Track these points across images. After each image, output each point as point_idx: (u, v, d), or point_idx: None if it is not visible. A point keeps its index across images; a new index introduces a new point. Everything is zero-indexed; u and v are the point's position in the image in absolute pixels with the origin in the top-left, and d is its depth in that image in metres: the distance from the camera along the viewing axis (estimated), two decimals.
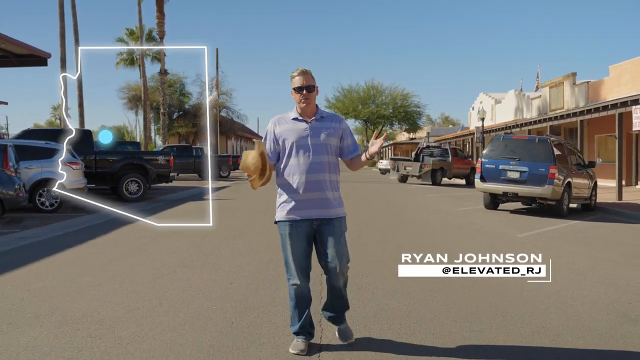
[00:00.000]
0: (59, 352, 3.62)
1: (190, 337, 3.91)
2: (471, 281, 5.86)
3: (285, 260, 3.56)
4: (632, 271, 6.57)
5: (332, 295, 3.70)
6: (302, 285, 3.54)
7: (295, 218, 3.49)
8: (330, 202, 3.52)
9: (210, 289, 5.34)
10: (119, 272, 6.08)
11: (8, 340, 3.85)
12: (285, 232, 3.51)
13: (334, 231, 3.50)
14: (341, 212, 3.61)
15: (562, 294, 5.36)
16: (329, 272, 3.57)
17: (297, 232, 3.49)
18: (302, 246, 3.50)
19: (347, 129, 3.68)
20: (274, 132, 3.59)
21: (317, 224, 3.50)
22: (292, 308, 3.64)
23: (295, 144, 3.50)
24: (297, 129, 3.54)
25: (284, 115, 3.65)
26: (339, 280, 3.58)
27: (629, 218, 12.79)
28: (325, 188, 3.50)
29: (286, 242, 3.52)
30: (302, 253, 3.51)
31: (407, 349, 3.74)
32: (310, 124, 3.55)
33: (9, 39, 20.73)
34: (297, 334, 3.62)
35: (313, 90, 3.54)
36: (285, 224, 3.51)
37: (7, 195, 10.08)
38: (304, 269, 3.53)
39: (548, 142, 12.86)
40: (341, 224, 3.58)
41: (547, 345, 3.86)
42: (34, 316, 4.41)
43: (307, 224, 3.49)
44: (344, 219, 3.63)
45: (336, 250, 3.49)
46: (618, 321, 4.46)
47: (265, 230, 9.39)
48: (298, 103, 3.55)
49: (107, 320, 4.29)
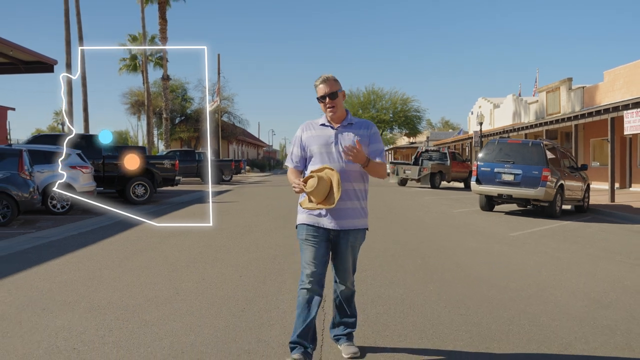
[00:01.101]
0: (92, 331, 4.09)
1: (207, 320, 4.38)
2: (463, 274, 6.34)
3: (302, 264, 3.46)
4: (612, 265, 7.04)
5: (339, 307, 3.64)
6: (312, 290, 3.39)
7: (314, 224, 3.42)
8: (352, 212, 3.42)
9: (221, 280, 5.81)
10: (135, 267, 6.56)
11: (46, 322, 4.32)
12: (303, 237, 3.45)
13: (347, 243, 3.43)
14: (360, 223, 3.48)
15: (545, 284, 5.83)
16: (336, 281, 3.59)
17: (314, 237, 3.40)
18: (320, 253, 3.40)
19: (375, 135, 3.53)
20: (302, 137, 3.53)
21: (334, 234, 3.42)
22: (297, 315, 3.43)
23: (320, 151, 3.43)
24: (323, 135, 3.46)
25: (314, 120, 3.58)
26: (342, 289, 3.59)
27: (619, 219, 13.26)
28: (348, 197, 3.39)
29: (304, 247, 3.44)
30: (319, 259, 3.40)
31: (401, 329, 4.21)
32: (337, 130, 3.46)
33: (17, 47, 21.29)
34: (294, 345, 3.40)
35: (336, 97, 3.43)
36: (304, 228, 3.45)
37: (22, 198, 10.55)
38: (317, 276, 3.40)
39: (541, 146, 13.35)
40: (357, 237, 3.47)
41: (526, 326, 4.33)
42: (64, 303, 4.89)
43: (325, 230, 3.41)
44: (362, 232, 3.51)
45: (345, 263, 3.48)
46: (592, 306, 4.94)
47: (270, 230, 9.88)
48: (324, 111, 3.48)
49: (131, 307, 4.76)
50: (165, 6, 39.62)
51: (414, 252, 7.72)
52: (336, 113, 3.45)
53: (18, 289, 5.43)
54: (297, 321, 3.42)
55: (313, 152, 3.46)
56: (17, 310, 4.67)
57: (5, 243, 8.38)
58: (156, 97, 43.71)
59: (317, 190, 3.25)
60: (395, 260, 7.09)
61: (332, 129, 3.46)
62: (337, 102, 3.43)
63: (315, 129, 3.50)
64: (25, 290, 5.35)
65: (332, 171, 3.30)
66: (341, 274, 3.52)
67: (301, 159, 3.55)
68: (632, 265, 7.08)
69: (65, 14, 27.56)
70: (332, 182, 3.28)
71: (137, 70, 45.63)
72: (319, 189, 3.26)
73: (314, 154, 3.46)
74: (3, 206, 10.37)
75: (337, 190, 3.26)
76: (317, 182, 3.25)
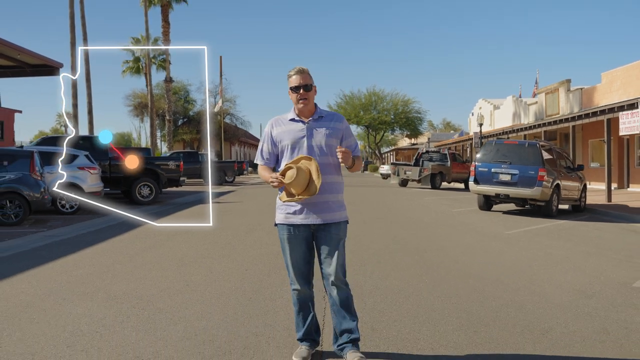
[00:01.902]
0: (111, 318, 4.43)
1: (217, 308, 4.73)
2: (457, 269, 6.67)
3: (286, 264, 3.46)
4: (601, 261, 7.36)
5: (337, 313, 3.47)
6: (302, 291, 3.43)
7: (293, 222, 3.36)
8: (329, 206, 3.36)
9: (228, 274, 6.15)
10: (146, 262, 6.91)
11: (68, 310, 4.67)
12: (284, 236, 3.40)
13: (330, 237, 3.36)
14: (340, 216, 3.42)
15: (534, 277, 6.16)
16: (324, 280, 3.45)
17: (295, 236, 3.37)
18: (302, 250, 3.38)
19: (348, 129, 3.52)
20: (271, 133, 3.48)
21: (314, 228, 3.37)
22: (295, 313, 3.52)
23: (291, 146, 3.39)
24: (293, 129, 3.41)
25: (282, 116, 3.52)
26: (333, 290, 3.40)
27: (614, 218, 13.57)
28: (325, 191, 3.32)
29: (285, 246, 3.41)
30: (302, 258, 3.39)
31: (396, 315, 4.54)
32: (307, 124, 3.41)
33: (24, 50, 21.74)
34: (302, 341, 3.53)
35: (310, 90, 3.40)
36: (284, 227, 3.40)
37: (33, 198, 10.91)
38: (304, 275, 3.41)
39: (537, 147, 13.68)
40: (339, 230, 3.40)
41: (512, 313, 4.66)
42: (83, 294, 5.24)
43: (305, 228, 3.36)
44: (343, 224, 3.44)
45: (330, 258, 3.36)
46: (575, 297, 5.27)
47: (273, 229, 10.16)
48: (295, 103, 3.42)
49: (145, 297, 5.11)
50: (168, 9, 40.07)
51: (411, 249, 8.06)
52: (307, 106, 3.40)
53: (38, 281, 5.78)
54: (297, 319, 3.49)
55: (284, 147, 3.41)
56: (40, 300, 5.02)
57: (20, 241, 8.73)
58: (159, 99, 44.15)
59: (297, 180, 3.18)
60: (394, 256, 7.43)
61: (302, 123, 3.41)
62: (310, 94, 3.39)
63: (285, 124, 3.45)
64: (45, 283, 5.70)
65: (309, 160, 3.26)
66: (329, 270, 3.36)
67: (272, 155, 3.50)
68: (620, 261, 7.40)
69: (70, 17, 27.96)
70: (310, 171, 3.23)
71: (140, 72, 46.11)
72: (299, 179, 3.19)
73: (285, 149, 3.41)
74: (15, 206, 10.73)
75: (317, 178, 3.20)
76: (296, 173, 3.18)
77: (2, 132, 21.95)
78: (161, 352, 3.64)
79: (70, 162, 13.32)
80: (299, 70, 3.41)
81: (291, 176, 3.19)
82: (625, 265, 7.06)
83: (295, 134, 3.40)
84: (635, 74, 21.24)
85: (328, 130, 3.40)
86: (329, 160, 3.38)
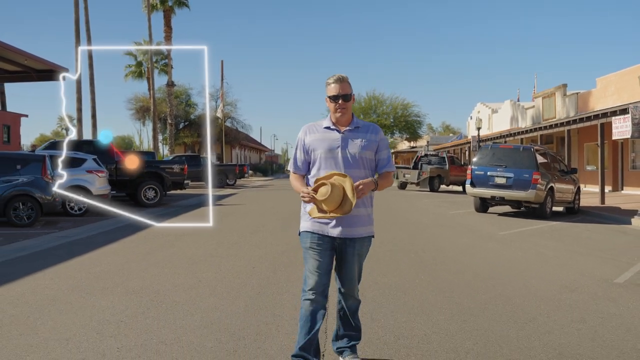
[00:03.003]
0: (133, 309, 4.85)
1: (228, 301, 5.14)
2: (452, 266, 7.09)
3: (305, 273, 3.35)
4: (588, 259, 7.78)
5: (343, 319, 3.50)
6: (315, 301, 3.27)
7: (319, 232, 3.28)
8: (358, 219, 3.28)
9: (237, 271, 6.56)
10: (158, 260, 7.32)
11: (92, 302, 5.09)
12: (307, 244, 3.31)
13: (353, 252, 3.30)
14: (366, 231, 3.35)
15: (523, 274, 6.58)
16: (338, 289, 3.46)
17: (318, 245, 3.27)
18: (324, 262, 3.27)
19: (384, 140, 3.39)
20: (304, 140, 3.37)
21: (340, 242, 3.29)
22: (300, 327, 3.34)
23: (325, 155, 3.29)
24: (328, 138, 3.30)
25: (317, 123, 3.42)
26: (346, 300, 3.45)
27: (606, 219, 14.00)
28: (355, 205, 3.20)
29: (307, 255, 3.32)
30: (323, 268, 3.27)
31: (393, 307, 4.96)
32: (343, 134, 3.30)
33: (31, 56, 22.20)
34: (295, 357, 3.33)
35: (350, 99, 3.31)
36: (308, 236, 3.31)
37: (45, 200, 11.33)
38: (321, 286, 3.27)
39: (531, 151, 14.12)
40: (363, 245, 3.34)
41: (499, 305, 5.08)
42: (103, 289, 5.65)
43: (330, 239, 3.28)
44: (368, 240, 3.38)
45: (349, 273, 3.35)
46: (559, 290, 5.69)
47: (276, 230, 10.63)
48: (333, 112, 3.32)
49: (162, 291, 5.52)
50: (170, 14, 40.61)
51: (409, 249, 8.47)
52: (345, 115, 3.31)
53: (60, 278, 6.20)
54: (299, 333, 3.32)
55: (317, 156, 3.31)
56: (64, 294, 5.43)
57: (35, 241, 9.14)
58: (160, 103, 44.55)
59: (331, 198, 3.10)
60: (392, 255, 7.84)
61: (338, 132, 3.31)
62: (349, 105, 3.31)
63: (319, 132, 3.34)
64: (65, 279, 6.11)
65: (343, 177, 3.17)
66: (347, 283, 3.37)
67: (304, 163, 3.39)
68: (606, 260, 7.81)
69: (75, 22, 28.41)
70: (344, 189, 3.14)
71: (142, 76, 46.60)
72: (333, 196, 3.10)
73: (318, 158, 3.31)
74: (28, 208, 11.15)
75: (352, 197, 3.11)
76: (330, 190, 3.10)
77: (9, 136, 22.38)
78: (182, 338, 4.05)
79: (79, 166, 13.75)
80: (339, 79, 3.31)
81: (325, 193, 3.10)
82: (610, 264, 7.47)
83: (330, 142, 3.29)
84: (629, 79, 21.68)
85: (364, 141, 3.30)
86: (362, 172, 3.28)
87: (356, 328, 3.52)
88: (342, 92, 3.29)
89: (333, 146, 3.28)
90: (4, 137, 22.12)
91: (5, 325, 4.37)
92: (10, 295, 5.39)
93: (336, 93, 3.29)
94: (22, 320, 4.53)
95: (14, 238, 9.26)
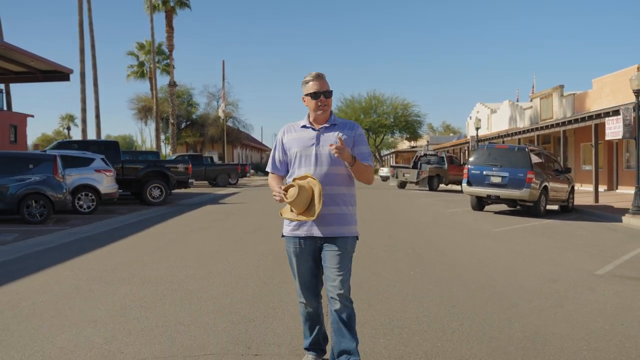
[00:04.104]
0: (150, 297, 5.30)
1: (238, 290, 5.60)
2: (445, 260, 7.54)
3: (293, 277, 3.39)
4: (575, 254, 8.23)
5: (337, 332, 3.22)
6: (309, 304, 3.34)
7: (300, 234, 3.26)
8: (338, 218, 3.23)
9: (243, 264, 7.02)
10: (169, 254, 7.78)
11: (112, 290, 5.55)
12: (290, 248, 3.31)
13: (335, 252, 3.20)
14: (349, 230, 3.26)
15: (511, 267, 7.04)
16: (327, 294, 3.24)
17: (301, 249, 3.26)
18: (309, 264, 3.28)
19: (361, 136, 3.33)
20: (283, 140, 3.38)
21: (321, 242, 3.24)
22: (303, 323, 3.46)
23: (300, 154, 3.27)
24: (303, 137, 3.29)
25: (295, 123, 3.41)
26: (335, 305, 3.18)
27: (598, 217, 14.45)
28: (334, 203, 3.21)
29: (292, 259, 3.33)
30: (308, 271, 3.29)
31: (389, 294, 5.41)
32: (318, 131, 3.28)
33: (37, 57, 22.65)
34: (308, 350, 3.49)
35: (330, 96, 3.28)
36: (290, 239, 3.31)
37: (57, 198, 11.78)
38: (311, 288, 3.32)
39: (525, 151, 14.57)
40: (346, 245, 3.23)
41: (486, 293, 5.54)
42: (121, 279, 6.11)
43: (311, 241, 3.25)
44: (350, 239, 3.28)
45: (334, 273, 3.18)
46: (544, 282, 6.15)
47: (279, 228, 10.98)
48: (314, 110, 3.28)
49: (176, 281, 5.98)
50: (172, 14, 41.12)
51: (406, 245, 8.92)
52: (325, 113, 3.28)
53: (79, 270, 6.66)
54: (304, 327, 3.45)
55: (293, 154, 3.30)
56: (86, 283, 5.89)
57: (49, 237, 9.59)
58: (162, 103, 45.02)
59: (298, 200, 3.09)
60: (389, 250, 8.30)
61: (313, 130, 3.29)
62: (329, 101, 3.28)
63: (296, 131, 3.34)
64: (84, 271, 6.57)
65: (314, 180, 3.15)
66: (333, 285, 3.17)
67: (282, 163, 3.39)
68: (592, 255, 8.26)
69: (79, 24, 28.89)
70: (313, 193, 3.12)
71: (144, 76, 47.09)
72: (300, 199, 3.10)
73: (294, 156, 3.30)
74: (40, 206, 11.61)
75: (318, 202, 3.09)
76: (297, 192, 3.09)
77: (16, 136, 22.83)
78: (198, 320, 4.51)
79: (87, 165, 14.22)
80: (317, 76, 3.27)
81: (292, 195, 3.10)
82: (596, 258, 7.92)
83: (305, 141, 3.28)
84: (624, 80, 22.09)
85: (339, 134, 3.23)
86: (339, 170, 3.24)
87: (353, 341, 3.20)
88: (322, 88, 3.26)
89: (308, 144, 3.26)
90: (10, 137, 22.57)
91: (38, 310, 4.83)
92: (36, 284, 5.85)
93: (317, 89, 3.25)
94: (52, 305, 4.99)
95: (29, 234, 9.72)
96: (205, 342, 3.98)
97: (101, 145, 17.28)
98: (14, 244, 8.68)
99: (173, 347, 3.86)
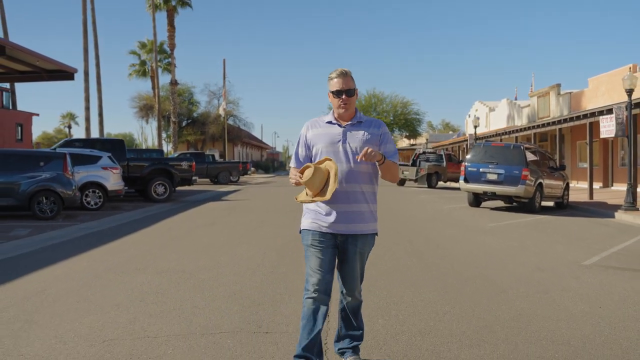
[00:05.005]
0: (166, 284, 5.70)
1: (246, 278, 6.00)
2: (440, 252, 7.95)
3: (307, 272, 3.27)
4: (565, 248, 8.64)
5: (344, 319, 3.43)
6: (318, 299, 3.19)
7: (319, 229, 3.23)
8: (359, 216, 3.25)
9: (250, 256, 7.42)
10: (178, 248, 8.19)
11: (128, 279, 5.95)
12: (308, 242, 3.25)
13: (355, 250, 3.25)
14: (369, 228, 3.32)
15: (503, 258, 7.45)
16: (341, 290, 3.41)
17: (320, 243, 3.21)
18: (326, 259, 3.21)
19: (387, 134, 3.33)
20: (307, 136, 3.34)
21: (342, 239, 3.24)
22: (301, 328, 3.25)
23: (325, 150, 3.25)
24: (329, 133, 3.27)
25: (319, 118, 3.40)
26: (347, 299, 3.39)
27: (592, 213, 14.86)
28: (355, 200, 3.22)
29: (309, 253, 3.25)
30: (325, 266, 3.20)
31: (387, 282, 5.82)
32: (344, 128, 3.27)
33: (42, 57, 23.02)
34: (298, 358, 3.23)
35: (353, 94, 3.25)
36: (309, 233, 3.25)
37: (66, 195, 12.18)
38: (324, 284, 3.19)
39: (521, 149, 14.97)
40: (366, 242, 3.31)
41: (477, 281, 5.95)
42: (136, 269, 6.51)
43: (331, 236, 3.22)
44: (371, 237, 3.35)
45: (351, 271, 3.29)
46: (531, 270, 6.57)
47: (281, 224, 11.48)
48: (336, 108, 3.26)
49: (187, 271, 6.38)
50: (174, 13, 41.49)
51: (403, 239, 9.33)
52: (348, 110, 3.26)
53: (94, 261, 7.06)
54: (302, 333, 3.23)
55: (318, 150, 3.28)
56: (103, 273, 6.30)
57: (60, 232, 9.99)
58: (164, 101, 45.40)
59: (312, 181, 3.08)
60: (387, 244, 8.69)
61: (339, 126, 3.28)
62: (352, 100, 3.25)
63: (321, 127, 3.32)
64: (100, 262, 6.98)
65: (331, 162, 3.14)
66: (348, 282, 3.32)
67: (306, 158, 3.34)
68: (581, 247, 8.67)
69: (83, 23, 29.30)
70: (329, 174, 3.11)
71: (146, 75, 47.45)
72: (314, 180, 3.08)
73: (319, 152, 3.27)
74: (50, 202, 12.00)
75: (333, 182, 3.07)
76: (312, 172, 3.08)
77: (22, 134, 23.22)
78: (211, 304, 4.91)
79: (94, 163, 14.61)
80: (342, 73, 3.25)
81: (308, 175, 3.09)
82: (584, 251, 8.32)
83: (331, 137, 3.26)
84: (619, 80, 22.48)
85: (366, 134, 3.26)
86: (365, 168, 3.24)
87: (358, 328, 3.44)
88: (345, 86, 3.23)
89: (334, 140, 3.25)
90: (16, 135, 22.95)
91: (63, 296, 5.24)
92: (56, 274, 6.26)
93: (339, 88, 3.23)
94: (75, 291, 5.40)
95: (42, 229, 10.11)
96: (220, 322, 4.38)
97: (107, 144, 17.68)
98: (28, 238, 9.08)
99: (191, 327, 4.27)
